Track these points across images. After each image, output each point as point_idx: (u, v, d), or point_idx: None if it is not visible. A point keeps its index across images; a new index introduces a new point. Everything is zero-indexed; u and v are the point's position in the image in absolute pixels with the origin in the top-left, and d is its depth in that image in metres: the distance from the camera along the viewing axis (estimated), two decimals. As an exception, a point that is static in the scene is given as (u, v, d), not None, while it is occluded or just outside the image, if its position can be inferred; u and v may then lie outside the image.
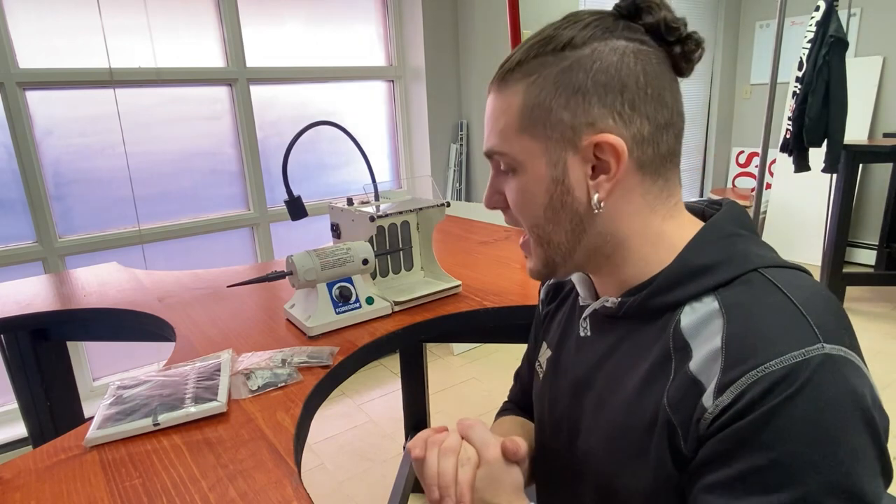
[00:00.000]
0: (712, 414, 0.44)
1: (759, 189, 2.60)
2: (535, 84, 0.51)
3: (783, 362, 0.42)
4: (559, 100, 0.51)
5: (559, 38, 0.51)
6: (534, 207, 0.55)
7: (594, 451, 0.57)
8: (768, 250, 0.52)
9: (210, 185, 2.45)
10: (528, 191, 0.54)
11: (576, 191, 0.52)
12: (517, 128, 0.53)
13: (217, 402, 0.74)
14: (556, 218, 0.54)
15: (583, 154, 0.51)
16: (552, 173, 0.53)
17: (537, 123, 0.52)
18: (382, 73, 2.87)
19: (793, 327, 0.44)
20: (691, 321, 0.50)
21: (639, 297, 0.53)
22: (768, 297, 0.47)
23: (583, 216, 0.53)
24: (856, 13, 3.60)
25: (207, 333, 1.01)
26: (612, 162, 0.51)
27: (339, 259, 1.01)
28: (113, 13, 2.09)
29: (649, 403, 0.50)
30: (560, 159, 0.52)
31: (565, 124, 0.51)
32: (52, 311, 1.16)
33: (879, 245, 3.58)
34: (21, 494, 0.61)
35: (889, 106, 3.58)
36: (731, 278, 0.49)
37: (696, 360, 0.47)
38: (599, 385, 0.57)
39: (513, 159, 0.54)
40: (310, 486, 1.88)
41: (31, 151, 2.00)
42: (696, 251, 0.52)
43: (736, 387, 0.43)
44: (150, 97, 2.23)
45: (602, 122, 0.50)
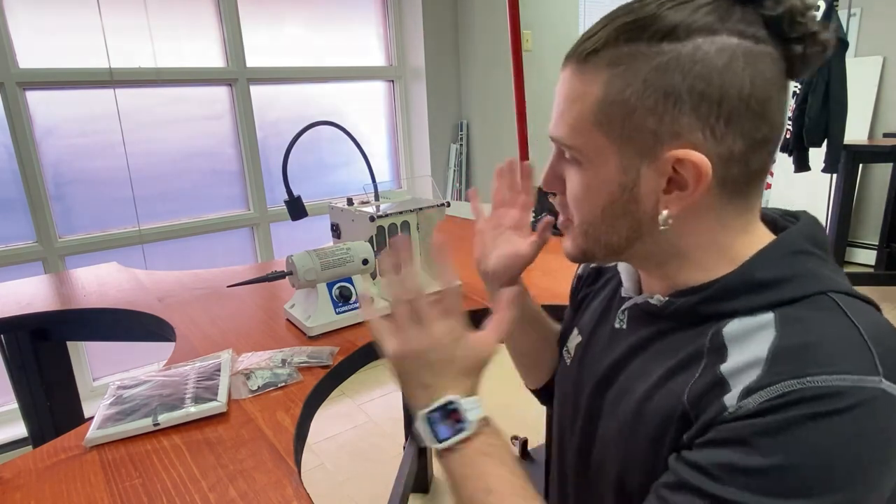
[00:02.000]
0: (732, 415, 0.41)
1: (759, 189, 2.60)
2: (620, 77, 0.45)
3: (830, 381, 0.38)
4: (646, 101, 0.44)
5: (661, 22, 0.43)
6: (592, 206, 0.50)
7: (610, 443, 0.56)
8: (841, 275, 0.48)
9: (210, 185, 2.45)
10: (591, 189, 0.49)
11: (644, 201, 0.47)
12: (592, 122, 0.47)
13: (217, 402, 0.74)
14: (614, 222, 0.50)
15: (660, 165, 0.45)
16: (621, 178, 0.47)
17: (615, 122, 0.46)
18: (382, 73, 2.87)
19: (853, 353, 0.40)
20: (737, 328, 0.46)
21: (689, 300, 0.49)
22: (833, 320, 0.43)
23: (643, 226, 0.49)
24: (856, 13, 3.60)
25: (207, 333, 1.01)
26: (690, 181, 0.45)
27: (339, 259, 1.01)
28: (113, 13, 2.09)
29: (667, 397, 0.48)
30: (633, 166, 0.46)
31: (647, 130, 0.45)
32: (52, 311, 1.16)
33: (879, 245, 3.57)
34: (21, 494, 0.61)
35: (889, 106, 3.58)
36: (795, 298, 0.45)
37: (730, 362, 0.44)
38: (624, 378, 0.55)
39: (581, 153, 0.49)
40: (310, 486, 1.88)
41: (31, 151, 2.00)
42: (762, 264, 0.47)
43: (767, 392, 0.40)
44: (150, 97, 2.23)
45: (690, 135, 0.44)
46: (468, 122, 2.98)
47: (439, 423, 0.50)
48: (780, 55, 0.44)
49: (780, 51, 0.44)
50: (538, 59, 2.96)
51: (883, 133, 3.57)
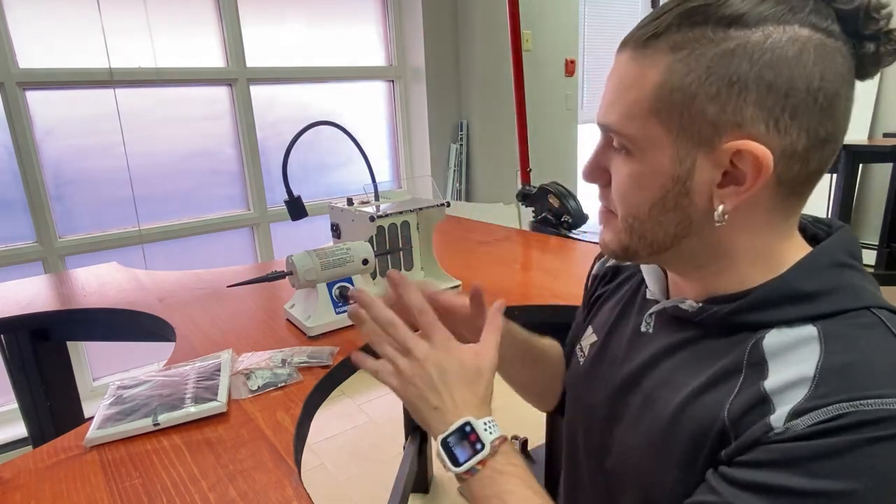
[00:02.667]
0: (779, 435, 0.39)
1: (759, 189, 2.60)
2: (683, 62, 0.42)
3: (885, 404, 0.37)
4: (709, 88, 0.42)
5: (730, 8, 0.41)
6: (640, 200, 0.47)
7: (633, 452, 0.53)
8: (878, 289, 0.46)
9: (210, 185, 2.45)
10: (641, 181, 0.47)
11: (696, 195, 0.45)
12: (648, 108, 0.44)
13: (217, 402, 0.74)
14: (662, 217, 0.47)
15: (717, 157, 0.43)
16: (675, 170, 0.45)
17: (674, 110, 0.43)
18: (382, 73, 2.87)
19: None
20: (778, 341, 0.44)
21: (725, 308, 0.47)
22: (879, 338, 0.42)
23: (693, 222, 0.47)
24: (856, 13, 3.59)
25: (207, 333, 1.01)
26: (749, 174, 0.43)
27: (339, 259, 1.01)
28: (113, 13, 2.09)
29: (702, 411, 0.46)
30: (689, 157, 0.44)
31: (707, 119, 0.43)
32: (52, 311, 1.16)
33: (879, 245, 3.57)
34: (21, 494, 0.61)
35: (889, 106, 3.58)
36: (837, 311, 0.43)
37: (773, 379, 0.42)
38: (649, 385, 0.54)
39: (633, 142, 0.46)
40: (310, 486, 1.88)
41: (31, 151, 2.00)
42: (804, 275, 0.45)
43: (817, 414, 0.38)
44: (150, 97, 2.23)
45: (752, 127, 0.42)
46: (468, 122, 2.98)
47: (457, 447, 0.49)
48: (851, 53, 0.43)
49: (852, 48, 0.42)
50: (538, 59, 2.96)
51: (883, 133, 3.57)
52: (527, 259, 1.37)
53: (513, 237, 1.57)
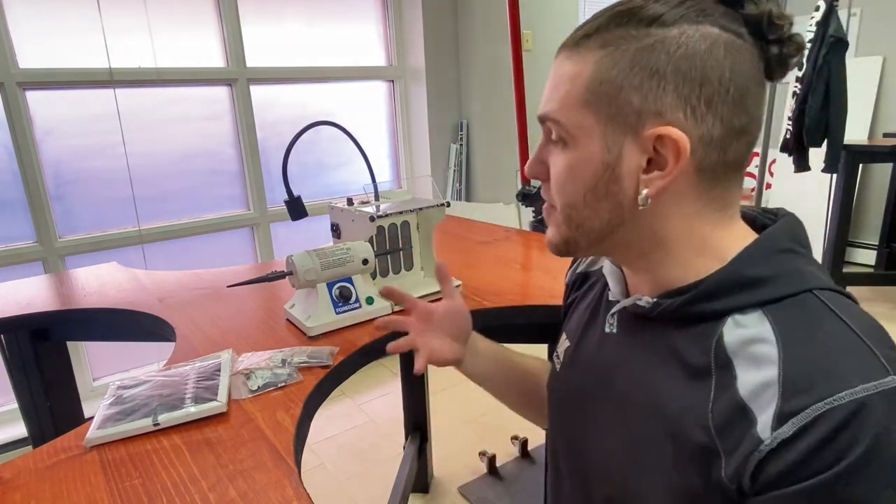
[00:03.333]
0: (769, 446, 0.41)
1: (759, 189, 2.60)
2: (609, 57, 0.47)
3: (854, 395, 0.39)
4: (632, 79, 0.46)
5: (647, 10, 0.46)
6: (575, 188, 0.51)
7: (609, 452, 0.55)
8: (823, 272, 0.49)
9: (210, 186, 2.45)
10: (574, 169, 0.50)
11: (625, 181, 0.49)
12: (580, 100, 0.48)
13: (217, 402, 0.74)
14: (596, 205, 0.50)
15: (641, 143, 0.47)
16: (605, 157, 0.48)
17: (602, 100, 0.47)
18: (382, 73, 2.87)
19: (858, 358, 0.42)
20: (736, 338, 0.46)
21: (677, 300, 0.50)
22: (827, 324, 0.44)
23: (625, 209, 0.50)
24: (856, 13, 3.60)
25: (207, 333, 1.01)
26: (670, 159, 0.47)
27: (339, 259, 1.01)
28: (113, 13, 2.09)
29: (685, 419, 0.48)
30: (616, 144, 0.48)
31: (632, 107, 0.47)
32: (52, 311, 1.16)
33: (879, 245, 3.57)
34: (21, 494, 0.61)
35: (889, 106, 3.58)
36: (782, 296, 0.46)
37: (744, 383, 0.44)
38: (621, 385, 0.55)
39: (567, 131, 0.50)
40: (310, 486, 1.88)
41: (31, 151, 2.00)
42: (749, 262, 0.48)
43: (799, 419, 0.40)
44: (150, 97, 2.23)
45: (671, 114, 0.46)
46: (468, 122, 2.98)
47: None
48: (759, 54, 0.47)
49: (759, 50, 0.47)
50: (538, 59, 2.96)
51: (883, 133, 3.57)
52: (527, 259, 1.37)
53: (513, 237, 1.57)
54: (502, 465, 1.91)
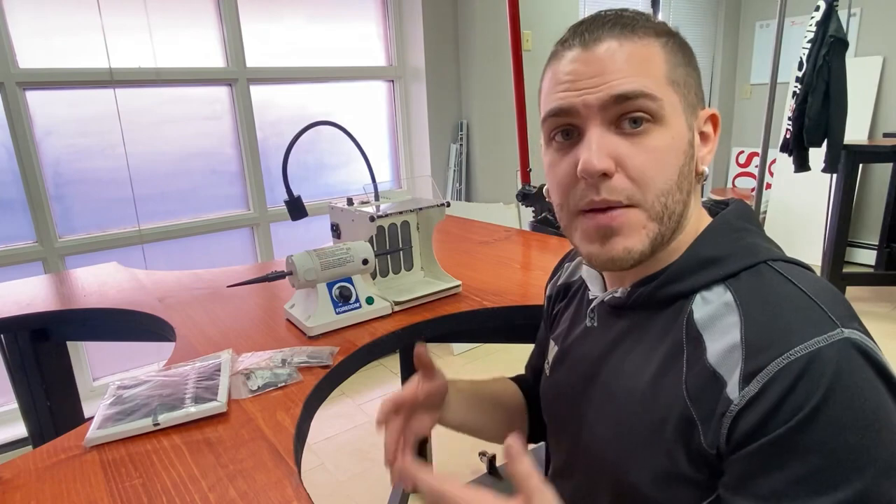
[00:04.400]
0: (739, 405, 0.44)
1: (759, 189, 2.60)
2: (669, 45, 0.51)
3: (807, 348, 0.43)
4: (688, 68, 0.52)
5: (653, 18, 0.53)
6: (670, 169, 0.50)
7: (601, 441, 0.56)
8: (775, 245, 0.54)
9: (210, 185, 2.44)
10: (670, 149, 0.50)
11: (695, 158, 0.53)
12: (666, 78, 0.50)
13: (217, 402, 0.74)
14: (682, 185, 0.51)
15: (699, 123, 0.54)
16: (688, 134, 0.52)
17: (680, 82, 0.51)
18: (382, 73, 2.87)
19: (809, 315, 0.45)
20: (704, 313, 0.50)
21: (649, 287, 0.54)
22: (780, 288, 0.48)
23: (693, 188, 0.54)
24: (856, 13, 3.60)
25: (207, 333, 1.01)
26: (712, 134, 0.55)
27: (339, 259, 1.01)
28: (113, 13, 2.09)
29: (662, 396, 0.50)
30: (691, 122, 0.52)
31: (694, 90, 0.53)
32: (52, 311, 1.16)
33: (879, 245, 3.57)
34: (21, 494, 0.61)
35: (889, 106, 3.58)
36: (739, 269, 0.50)
37: (712, 352, 0.47)
38: (606, 375, 0.57)
39: (663, 109, 0.49)
40: (310, 486, 1.88)
41: (31, 151, 2.00)
42: (706, 243, 0.53)
43: (762, 375, 0.43)
44: (150, 97, 2.23)
45: (703, 100, 0.55)
46: (468, 122, 2.98)
47: None
48: None
49: None
50: (538, 59, 2.96)
51: (883, 133, 3.57)
52: (527, 259, 1.37)
53: (513, 237, 1.57)
54: (502, 465, 1.91)
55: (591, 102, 0.49)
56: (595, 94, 0.49)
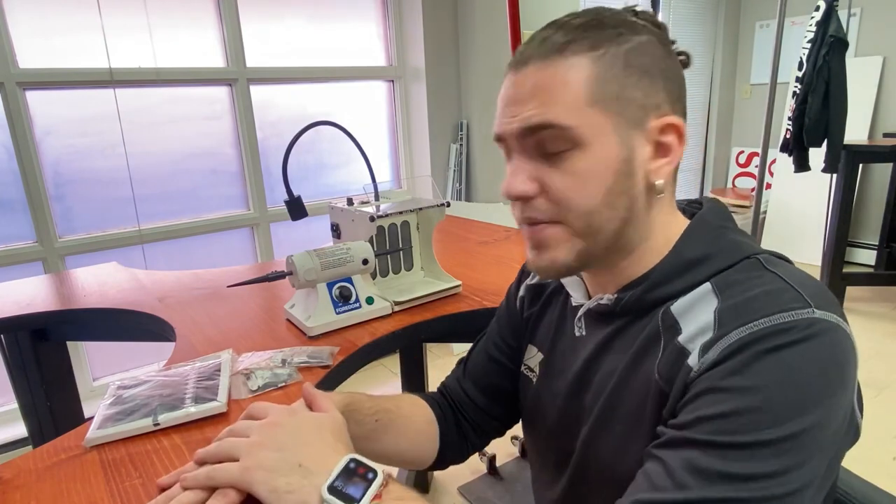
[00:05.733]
0: (698, 371, 0.45)
1: (759, 189, 2.60)
2: (603, 58, 0.49)
3: (771, 320, 0.44)
4: (631, 78, 0.50)
5: (615, 19, 0.51)
6: (594, 190, 0.50)
7: (595, 443, 0.56)
8: (754, 241, 0.54)
9: (210, 186, 2.44)
10: (592, 171, 0.50)
11: (637, 173, 0.51)
12: (587, 101, 0.49)
13: (217, 402, 0.74)
14: (615, 203, 0.51)
15: (648, 134, 0.51)
16: (621, 152, 0.50)
17: (609, 98, 0.49)
18: (382, 73, 2.87)
19: (783, 295, 0.46)
20: (682, 303, 0.51)
21: (636, 291, 0.53)
22: (759, 276, 0.49)
23: (634, 203, 0.52)
24: (856, 13, 3.60)
25: (207, 333, 1.01)
26: (674, 145, 0.52)
27: (339, 259, 1.01)
28: (113, 13, 2.09)
29: (639, 380, 0.51)
30: (629, 138, 0.50)
31: (637, 103, 0.50)
32: (52, 311, 1.16)
33: (879, 245, 3.57)
34: (21, 494, 0.61)
35: (889, 106, 3.58)
36: (725, 267, 0.51)
37: (685, 333, 0.49)
38: (597, 381, 0.57)
39: (578, 134, 0.49)
40: (310, 486, 1.87)
41: (31, 151, 2.00)
42: (690, 244, 0.53)
43: (722, 342, 0.45)
44: (150, 97, 2.23)
45: (665, 107, 0.51)
46: (468, 122, 2.98)
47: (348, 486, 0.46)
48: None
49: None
50: (538, 59, 2.95)
51: (883, 133, 3.57)
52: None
53: (513, 237, 1.57)
54: (502, 465, 1.90)
55: (511, 132, 0.52)
56: (511, 126, 0.52)
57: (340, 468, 0.47)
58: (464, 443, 0.76)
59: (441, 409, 0.76)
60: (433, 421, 0.74)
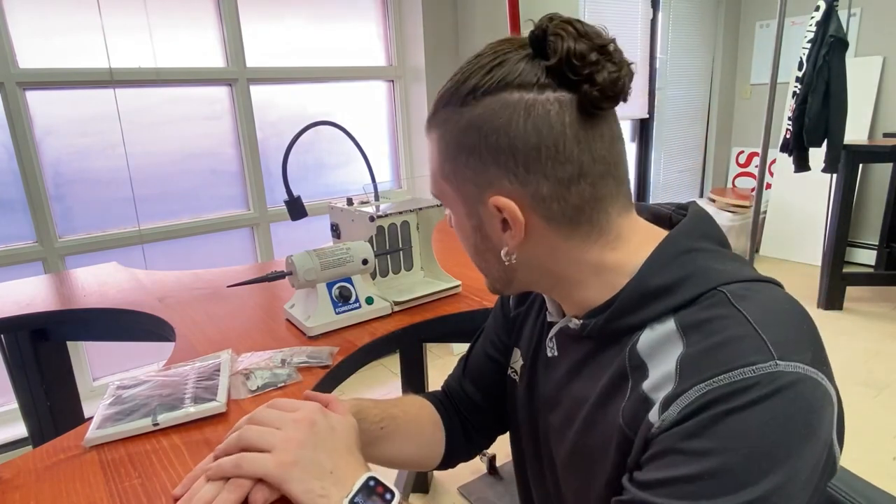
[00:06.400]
0: (659, 429, 0.44)
1: (759, 189, 2.60)
2: (442, 139, 0.52)
3: (731, 377, 0.41)
4: (461, 158, 0.51)
5: (464, 87, 0.49)
6: (466, 244, 0.58)
7: (563, 467, 0.58)
8: (732, 263, 0.50)
9: (210, 185, 2.44)
10: (458, 229, 0.57)
11: (493, 239, 0.53)
12: (440, 174, 0.54)
13: (216, 402, 0.74)
14: (485, 257, 0.56)
15: (488, 210, 0.51)
16: (470, 222, 0.54)
17: (450, 175, 0.53)
18: (382, 73, 2.87)
19: (745, 344, 0.43)
20: (647, 340, 0.49)
21: (599, 320, 0.52)
22: (722, 316, 0.45)
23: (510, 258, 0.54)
24: (856, 13, 3.60)
25: (207, 333, 1.01)
26: (511, 222, 0.50)
27: (339, 259, 1.01)
28: (113, 13, 2.09)
29: (605, 422, 0.50)
30: (474, 210, 0.53)
31: (470, 181, 0.51)
32: (52, 311, 1.16)
33: (879, 245, 3.57)
34: (21, 494, 0.61)
35: (889, 106, 3.58)
36: (691, 298, 0.47)
37: (651, 378, 0.47)
38: (566, 404, 0.57)
39: (444, 199, 0.56)
40: (310, 486, 1.87)
41: (31, 151, 2.00)
42: (654, 271, 0.49)
43: (682, 399, 0.43)
44: (150, 97, 2.23)
45: (499, 183, 0.49)
46: (468, 122, 2.98)
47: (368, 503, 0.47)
48: (572, 97, 0.47)
49: (572, 92, 0.47)
50: (538, 59, 2.95)
51: (883, 133, 3.57)
52: (527, 259, 1.37)
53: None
54: (502, 465, 1.90)
55: None
56: None
57: (361, 484, 0.48)
58: (469, 442, 0.76)
59: (445, 409, 0.76)
60: (438, 422, 0.74)
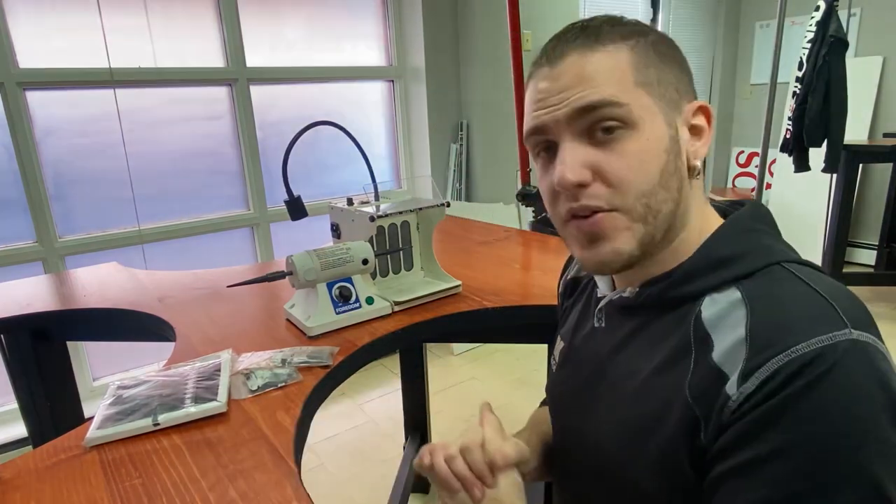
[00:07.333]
0: (736, 402, 0.43)
1: (759, 189, 2.60)
2: (637, 47, 0.51)
3: (810, 346, 0.42)
4: (662, 66, 0.52)
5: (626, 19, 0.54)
6: (650, 170, 0.50)
7: (604, 442, 0.56)
8: (790, 248, 0.52)
9: (210, 185, 2.45)
10: (647, 151, 0.50)
11: (683, 153, 0.53)
12: (634, 81, 0.50)
13: (217, 402, 0.74)
14: (668, 183, 0.51)
15: (685, 117, 0.53)
16: (668, 132, 0.51)
17: (650, 82, 0.51)
18: (382, 73, 2.87)
19: (819, 313, 0.44)
20: (713, 312, 0.49)
21: (658, 287, 0.53)
22: (793, 288, 0.47)
23: (683, 184, 0.53)
24: (856, 13, 3.59)
25: (207, 333, 1.01)
26: (705, 127, 0.53)
27: (339, 259, 1.01)
28: (113, 13, 2.09)
29: (659, 391, 0.50)
30: (672, 119, 0.52)
31: (672, 87, 0.52)
32: (52, 311, 1.16)
33: (879, 245, 3.57)
34: (21, 494, 0.61)
35: (889, 106, 3.58)
36: (752, 270, 0.49)
37: (718, 350, 0.47)
38: (613, 375, 0.57)
39: (632, 113, 0.50)
40: (310, 486, 1.88)
41: (31, 151, 2.00)
42: (719, 243, 0.52)
43: (761, 372, 0.43)
44: (150, 97, 2.23)
45: (689, 93, 0.54)
46: (468, 122, 2.98)
47: None
48: None
49: None
50: (538, 59, 2.95)
51: (883, 133, 3.57)
52: (527, 259, 1.37)
53: (513, 237, 1.57)
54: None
55: (560, 118, 0.51)
56: (562, 111, 0.51)
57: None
58: None
59: None
60: None
